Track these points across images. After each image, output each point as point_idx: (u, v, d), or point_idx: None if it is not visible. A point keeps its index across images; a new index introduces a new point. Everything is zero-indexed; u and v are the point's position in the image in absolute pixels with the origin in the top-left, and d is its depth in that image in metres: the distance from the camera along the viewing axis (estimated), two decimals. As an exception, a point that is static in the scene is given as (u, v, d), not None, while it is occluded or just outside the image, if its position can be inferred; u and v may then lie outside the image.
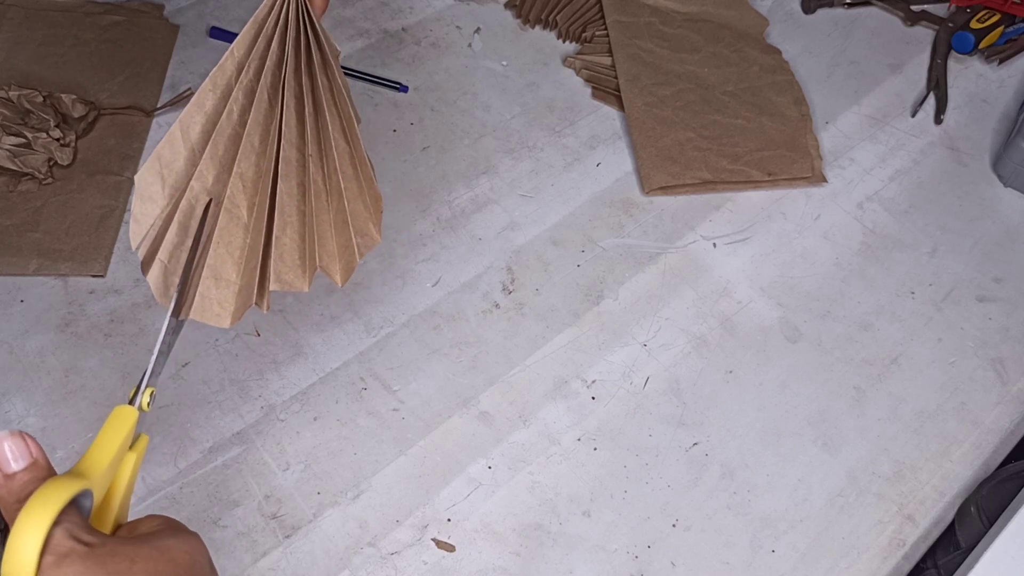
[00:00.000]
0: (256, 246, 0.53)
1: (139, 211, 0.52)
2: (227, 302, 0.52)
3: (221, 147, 0.51)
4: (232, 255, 0.52)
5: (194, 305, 0.52)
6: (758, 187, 0.85)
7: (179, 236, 0.52)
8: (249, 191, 0.51)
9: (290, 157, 0.52)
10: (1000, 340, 0.77)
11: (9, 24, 0.86)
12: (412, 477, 0.65)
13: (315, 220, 0.56)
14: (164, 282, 0.52)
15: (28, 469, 0.38)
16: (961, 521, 0.66)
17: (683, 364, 0.73)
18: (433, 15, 0.95)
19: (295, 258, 0.56)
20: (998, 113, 0.95)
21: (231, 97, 0.50)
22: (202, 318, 0.53)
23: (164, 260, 0.52)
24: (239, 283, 0.52)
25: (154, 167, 0.51)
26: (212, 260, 0.52)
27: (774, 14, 1.01)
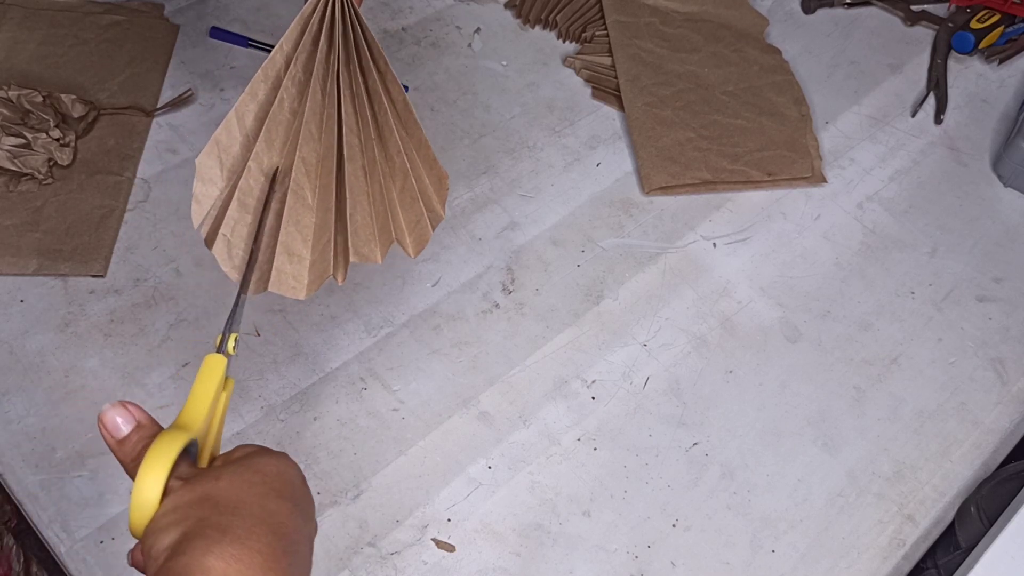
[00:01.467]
0: (324, 224, 0.57)
1: (200, 192, 0.56)
2: (301, 276, 0.57)
3: (274, 133, 0.55)
4: (301, 233, 0.56)
5: (271, 279, 0.57)
6: (758, 187, 0.85)
7: (239, 213, 0.56)
8: (312, 175, 0.56)
9: (352, 143, 0.57)
10: (1000, 340, 0.77)
11: (9, 24, 0.86)
12: (412, 477, 0.65)
13: (383, 198, 0.60)
14: (228, 252, 0.57)
15: (136, 430, 0.43)
16: (961, 521, 0.66)
17: (683, 364, 0.73)
18: (433, 15, 0.95)
19: (370, 232, 0.60)
20: (998, 113, 0.95)
21: (282, 87, 0.54)
22: (279, 290, 0.57)
23: (227, 234, 0.56)
24: (310, 258, 0.57)
25: (213, 151, 0.55)
26: (284, 238, 0.56)
27: (774, 14, 1.01)
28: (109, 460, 0.63)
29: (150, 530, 0.39)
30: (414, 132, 0.59)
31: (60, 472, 0.62)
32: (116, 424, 0.43)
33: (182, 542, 0.38)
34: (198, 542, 0.37)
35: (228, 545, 0.38)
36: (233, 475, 0.41)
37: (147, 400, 0.66)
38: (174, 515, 0.39)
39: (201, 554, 0.37)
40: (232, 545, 0.38)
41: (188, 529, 0.38)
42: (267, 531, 0.39)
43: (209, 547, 0.37)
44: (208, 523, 0.38)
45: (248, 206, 0.56)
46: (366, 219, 0.59)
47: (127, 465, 0.43)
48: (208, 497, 0.40)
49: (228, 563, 0.37)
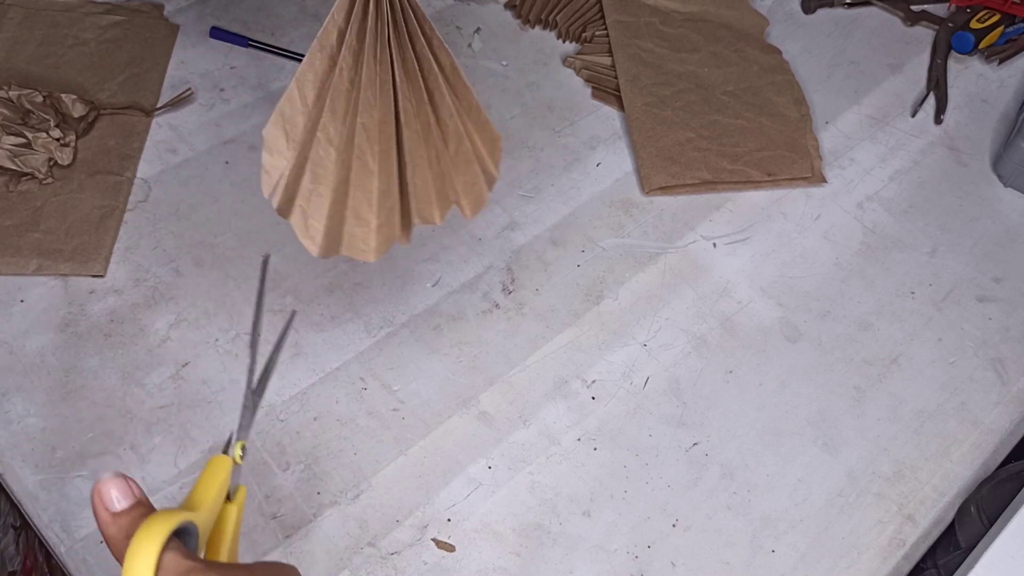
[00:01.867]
0: (388, 189, 0.58)
1: (268, 163, 0.57)
2: (369, 239, 0.58)
3: (337, 103, 0.55)
4: (368, 198, 0.57)
5: (343, 243, 0.58)
6: (758, 187, 0.85)
7: (313, 184, 0.57)
8: (373, 141, 0.56)
9: (407, 107, 0.57)
10: (1000, 340, 0.77)
11: (9, 24, 0.86)
12: (412, 477, 0.65)
13: (439, 161, 0.61)
14: (305, 224, 0.58)
15: (133, 507, 0.40)
16: (961, 521, 0.66)
17: (683, 364, 0.73)
18: (433, 15, 0.95)
19: (429, 195, 0.61)
20: (998, 113, 0.95)
21: (340, 57, 0.54)
22: (350, 253, 0.59)
23: (303, 206, 0.57)
24: (377, 221, 0.58)
25: (278, 123, 0.56)
26: (352, 203, 0.57)
27: (774, 14, 1.01)
28: (109, 460, 0.63)
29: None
30: (464, 96, 0.59)
31: (60, 472, 0.62)
32: (112, 498, 0.40)
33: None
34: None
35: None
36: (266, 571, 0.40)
37: (147, 400, 0.66)
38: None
39: None
40: None
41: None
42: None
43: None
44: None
45: (320, 177, 0.56)
46: (425, 182, 0.60)
47: (116, 542, 0.40)
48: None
49: None
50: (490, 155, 0.63)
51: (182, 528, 0.39)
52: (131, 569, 0.36)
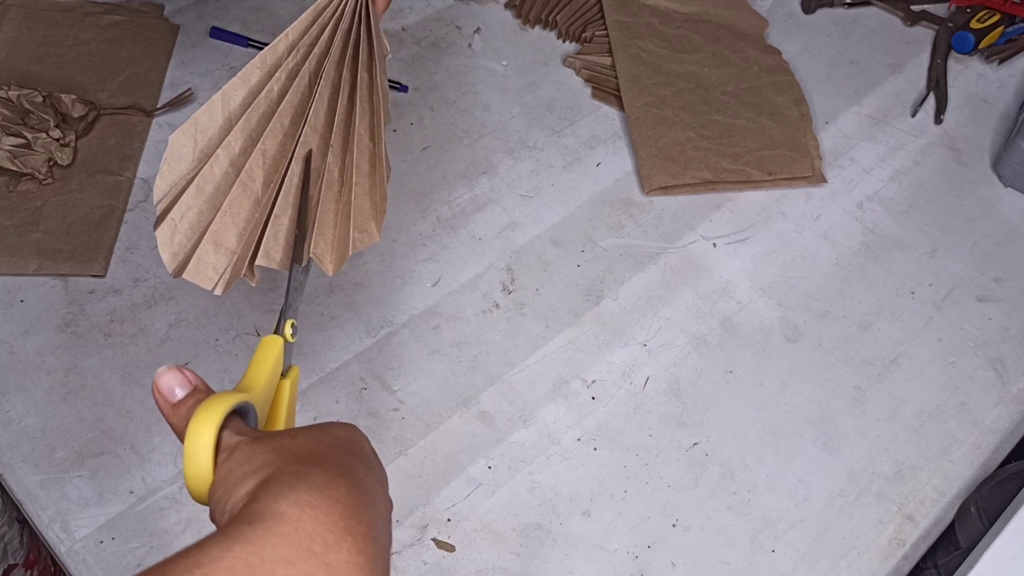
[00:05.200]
0: (259, 221, 0.54)
1: (166, 169, 0.54)
2: (222, 268, 0.53)
3: (254, 121, 0.53)
4: (237, 225, 0.53)
5: (189, 266, 0.53)
6: (758, 187, 0.85)
7: (194, 199, 0.53)
8: (268, 168, 0.53)
9: (309, 142, 0.54)
10: (1000, 340, 0.77)
11: (9, 24, 0.86)
12: (412, 477, 0.65)
13: (320, 208, 0.57)
14: (171, 237, 0.53)
15: (191, 395, 0.42)
16: (961, 521, 0.66)
17: (683, 364, 0.73)
18: (433, 15, 0.95)
19: (289, 240, 0.56)
20: (998, 113, 0.95)
21: (274, 76, 0.53)
22: (195, 279, 0.53)
23: (175, 219, 0.53)
24: (238, 253, 0.54)
25: (189, 130, 0.53)
26: (216, 227, 0.53)
27: (774, 14, 1.01)
28: (109, 460, 0.63)
29: (220, 484, 0.37)
30: (379, 146, 0.57)
31: (60, 472, 0.62)
32: (171, 388, 0.42)
33: (259, 489, 0.36)
34: (274, 487, 0.35)
35: (305, 492, 0.35)
36: (308, 434, 0.40)
37: (147, 400, 0.66)
38: (249, 465, 0.37)
39: (274, 499, 0.35)
40: (309, 492, 0.36)
41: (267, 476, 0.36)
42: (347, 484, 0.37)
43: (284, 492, 0.35)
44: (286, 471, 0.36)
45: (204, 193, 0.53)
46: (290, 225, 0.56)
47: (180, 430, 0.41)
48: (285, 449, 0.38)
49: (303, 510, 0.35)
50: (376, 214, 0.59)
51: (240, 408, 0.41)
52: (189, 450, 0.38)
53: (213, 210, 0.53)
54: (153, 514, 0.61)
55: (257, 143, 0.53)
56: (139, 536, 0.60)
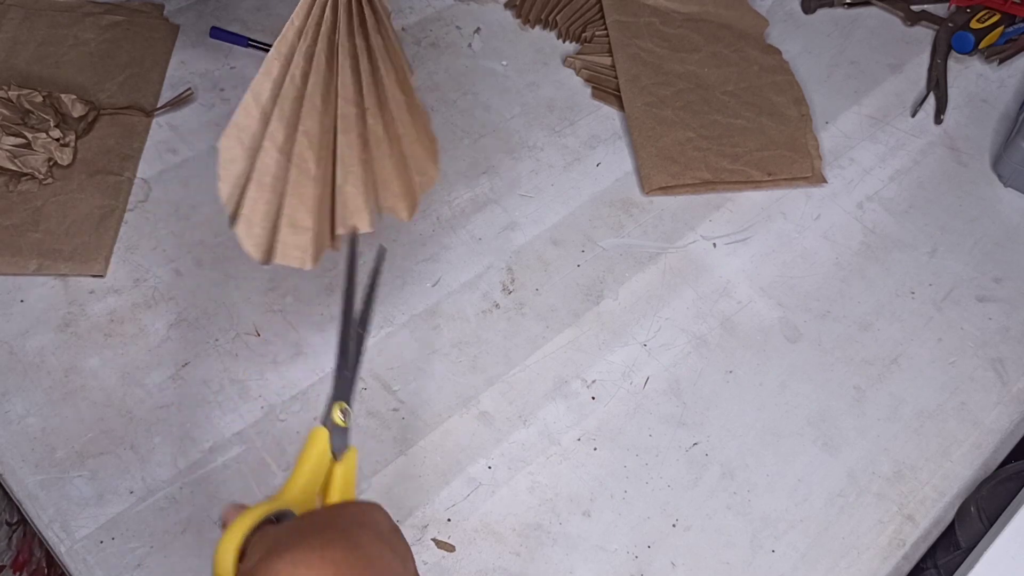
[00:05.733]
0: (325, 195, 0.58)
1: (224, 173, 0.57)
2: (307, 246, 0.58)
3: (287, 109, 0.55)
4: (306, 205, 0.57)
5: (276, 252, 0.58)
6: (758, 187, 0.85)
7: (257, 192, 0.57)
8: (315, 146, 0.56)
9: (347, 113, 0.57)
10: (1000, 340, 0.77)
11: (9, 24, 0.86)
12: (412, 477, 0.65)
13: (377, 166, 0.60)
14: (248, 232, 0.57)
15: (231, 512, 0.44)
16: (961, 521, 0.66)
17: (683, 364, 0.73)
18: (433, 15, 0.95)
19: (358, 204, 0.61)
20: (998, 113, 0.95)
21: (292, 63, 0.55)
22: (285, 261, 0.58)
23: (248, 215, 0.57)
24: (314, 229, 0.58)
25: (232, 133, 0.56)
26: (288, 211, 0.57)
27: (774, 14, 1.01)
28: (109, 460, 0.63)
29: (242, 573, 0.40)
30: (411, 96, 0.59)
31: (60, 472, 0.62)
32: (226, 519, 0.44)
33: (264, 556, 0.38)
34: (275, 552, 0.38)
35: (300, 552, 0.37)
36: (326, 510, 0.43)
37: (147, 399, 0.66)
38: (263, 543, 0.39)
39: (272, 561, 0.37)
40: (304, 552, 0.37)
41: (273, 546, 0.39)
42: (345, 546, 0.39)
43: (281, 554, 0.37)
44: (290, 538, 0.39)
45: (265, 184, 0.56)
46: (356, 189, 0.60)
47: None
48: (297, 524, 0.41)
49: (296, 567, 0.37)
50: (431, 155, 0.63)
51: (276, 515, 0.43)
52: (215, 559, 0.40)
53: (279, 197, 0.57)
54: (153, 514, 0.61)
55: (297, 127, 0.56)
56: (139, 536, 0.60)
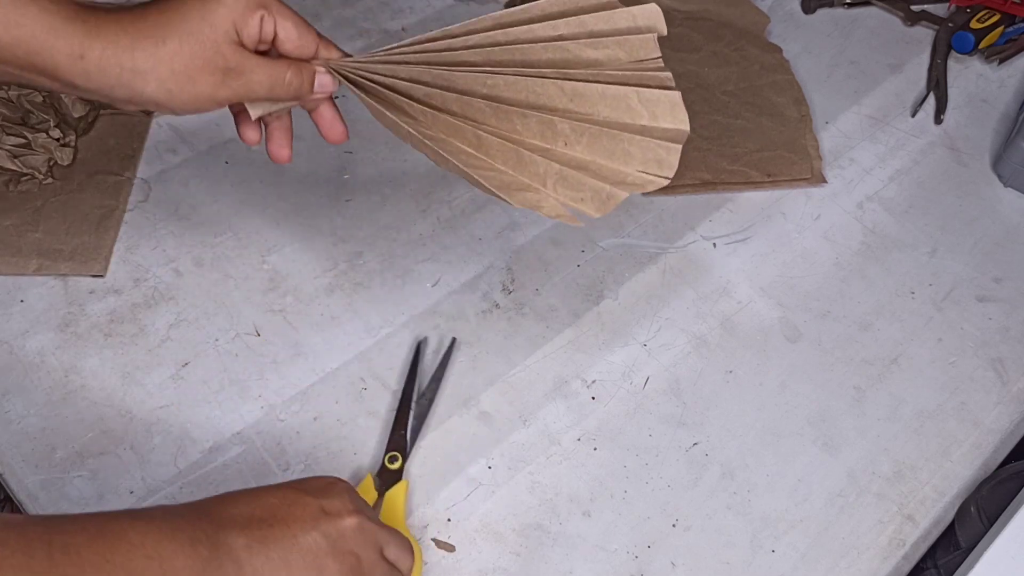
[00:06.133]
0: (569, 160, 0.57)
1: (482, 178, 0.55)
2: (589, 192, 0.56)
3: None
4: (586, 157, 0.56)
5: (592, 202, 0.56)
6: (758, 188, 0.85)
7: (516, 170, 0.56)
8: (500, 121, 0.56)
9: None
10: (1000, 340, 0.77)
11: (9, 24, 0.86)
12: (412, 477, 0.65)
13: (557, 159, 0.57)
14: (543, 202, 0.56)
15: None
16: (961, 521, 0.66)
17: (683, 364, 0.73)
18: (433, 15, 0.95)
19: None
20: (998, 113, 0.95)
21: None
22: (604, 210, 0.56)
23: (538, 186, 0.55)
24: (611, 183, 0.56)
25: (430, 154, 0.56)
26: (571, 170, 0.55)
27: (774, 14, 1.01)
28: (109, 460, 0.63)
29: None
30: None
31: (60, 472, 0.62)
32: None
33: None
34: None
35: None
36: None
37: (147, 400, 0.66)
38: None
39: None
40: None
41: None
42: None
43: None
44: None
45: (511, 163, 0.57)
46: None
47: None
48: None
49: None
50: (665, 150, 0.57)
51: None
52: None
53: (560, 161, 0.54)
54: (153, 514, 0.61)
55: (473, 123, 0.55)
56: (139, 536, 0.60)
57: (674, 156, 0.56)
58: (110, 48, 0.48)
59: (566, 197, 0.56)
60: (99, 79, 0.48)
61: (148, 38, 0.49)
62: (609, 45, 0.56)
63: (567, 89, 0.55)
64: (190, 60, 0.50)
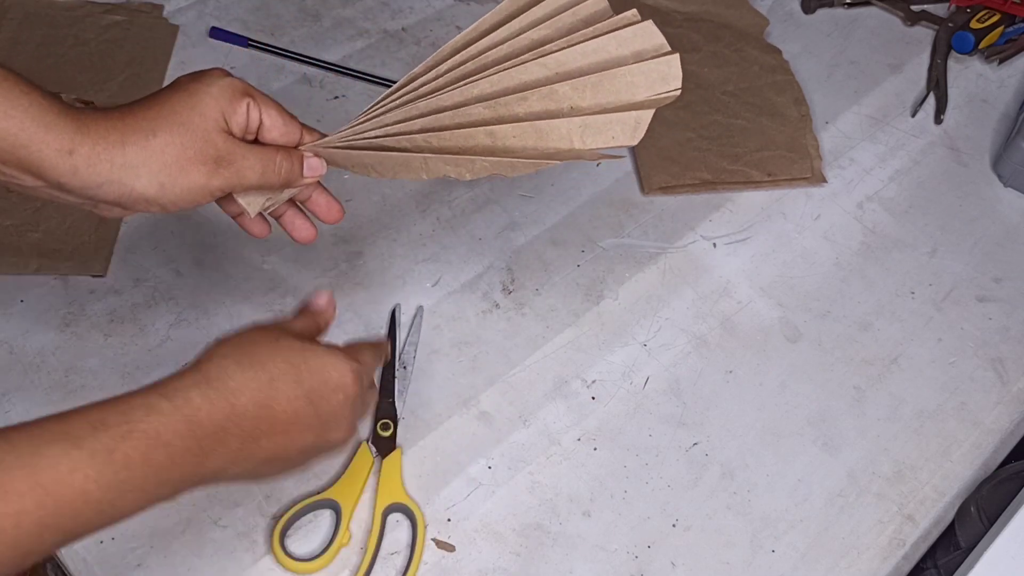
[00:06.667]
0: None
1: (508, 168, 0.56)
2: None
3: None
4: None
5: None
6: (758, 187, 0.85)
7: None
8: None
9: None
10: (1000, 340, 0.77)
11: (9, 24, 0.86)
12: (412, 477, 0.65)
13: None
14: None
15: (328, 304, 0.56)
16: (961, 521, 0.66)
17: (683, 364, 0.73)
18: (433, 15, 0.95)
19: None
20: (998, 113, 0.95)
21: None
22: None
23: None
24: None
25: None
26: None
27: (774, 14, 1.01)
28: (109, 460, 0.63)
29: None
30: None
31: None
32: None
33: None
34: (227, 340, 0.49)
35: (240, 349, 0.48)
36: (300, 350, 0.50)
37: (147, 400, 0.66)
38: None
39: (221, 346, 0.48)
40: (242, 351, 0.48)
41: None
42: (269, 378, 0.47)
43: (230, 340, 0.49)
44: (244, 339, 0.49)
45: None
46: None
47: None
48: (268, 343, 0.49)
49: (224, 359, 0.47)
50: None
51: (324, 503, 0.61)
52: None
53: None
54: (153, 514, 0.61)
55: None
56: (139, 536, 0.60)
57: (675, 67, 0.57)
58: (100, 143, 0.48)
59: (597, 143, 0.56)
60: (88, 175, 0.48)
61: (138, 132, 0.49)
62: (563, 18, 0.57)
63: (549, 63, 0.56)
64: (181, 151, 0.50)
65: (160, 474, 0.42)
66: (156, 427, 0.42)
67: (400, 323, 0.71)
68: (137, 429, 0.41)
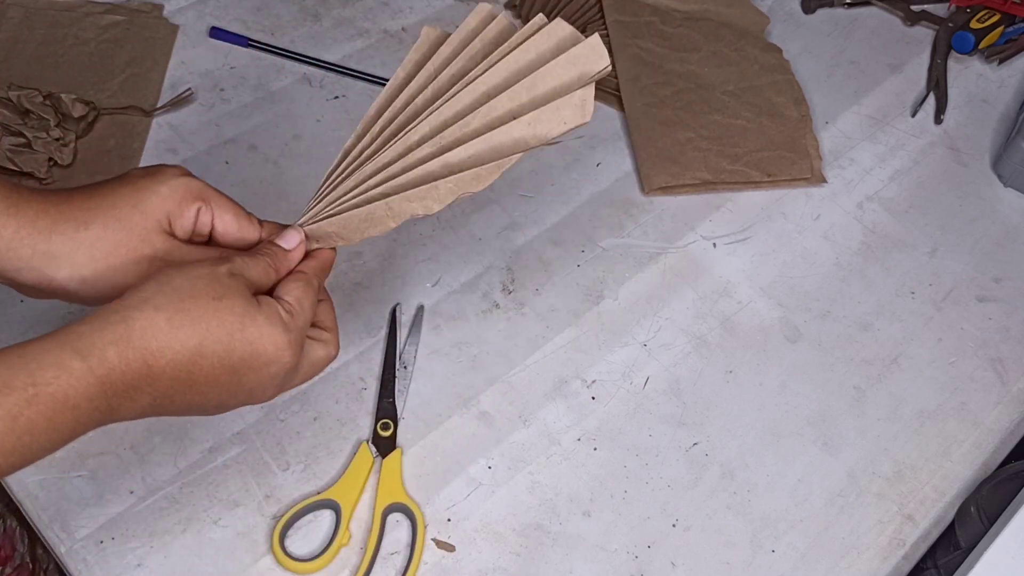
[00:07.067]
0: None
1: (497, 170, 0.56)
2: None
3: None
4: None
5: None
6: (758, 188, 0.85)
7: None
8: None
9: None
10: (1000, 340, 0.77)
11: (9, 24, 0.86)
12: (412, 477, 0.65)
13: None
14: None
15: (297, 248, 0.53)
16: (961, 521, 0.66)
17: (683, 364, 0.73)
18: (433, 15, 0.95)
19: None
20: (998, 113, 0.95)
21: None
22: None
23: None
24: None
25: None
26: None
27: (774, 14, 1.01)
28: (109, 460, 0.63)
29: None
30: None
31: (60, 472, 0.62)
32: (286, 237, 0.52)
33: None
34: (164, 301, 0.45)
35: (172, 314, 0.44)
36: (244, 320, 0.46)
37: (147, 400, 0.66)
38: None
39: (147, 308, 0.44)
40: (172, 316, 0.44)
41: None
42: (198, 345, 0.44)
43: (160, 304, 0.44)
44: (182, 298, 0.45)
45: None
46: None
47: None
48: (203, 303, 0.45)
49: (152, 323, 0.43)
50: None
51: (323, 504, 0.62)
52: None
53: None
54: (153, 514, 0.61)
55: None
56: (139, 536, 0.60)
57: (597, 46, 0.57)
58: (26, 228, 0.46)
59: (551, 132, 0.56)
60: (6, 258, 0.46)
61: (70, 221, 0.47)
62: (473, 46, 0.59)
63: (478, 87, 0.56)
64: (114, 248, 0.48)
65: (64, 435, 0.41)
66: (65, 390, 0.40)
67: (400, 323, 0.71)
68: (44, 393, 0.39)
